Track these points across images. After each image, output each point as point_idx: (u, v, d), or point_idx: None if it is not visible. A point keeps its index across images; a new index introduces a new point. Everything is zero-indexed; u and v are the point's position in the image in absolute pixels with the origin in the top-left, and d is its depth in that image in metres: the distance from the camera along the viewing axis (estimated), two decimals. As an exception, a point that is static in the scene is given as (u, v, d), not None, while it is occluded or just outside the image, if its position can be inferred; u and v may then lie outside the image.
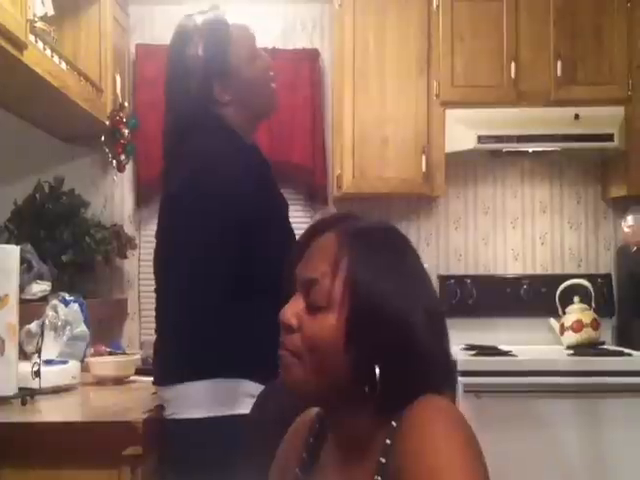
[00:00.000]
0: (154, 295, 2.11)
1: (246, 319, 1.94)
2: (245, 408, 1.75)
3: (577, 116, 3.70)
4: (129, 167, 3.71)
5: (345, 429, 1.19)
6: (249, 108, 2.09)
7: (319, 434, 1.27)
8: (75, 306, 2.72)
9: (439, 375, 1.17)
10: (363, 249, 1.17)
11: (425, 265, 1.24)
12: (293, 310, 1.18)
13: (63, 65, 2.96)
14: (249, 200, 1.93)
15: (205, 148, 1.99)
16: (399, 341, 1.12)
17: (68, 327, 2.64)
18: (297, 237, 2.21)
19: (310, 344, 1.15)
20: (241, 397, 1.90)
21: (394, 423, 1.11)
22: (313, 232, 1.23)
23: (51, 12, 2.97)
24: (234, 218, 1.90)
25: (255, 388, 1.80)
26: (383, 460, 1.10)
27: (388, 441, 1.11)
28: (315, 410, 1.30)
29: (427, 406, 1.10)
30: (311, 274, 1.17)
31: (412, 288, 1.17)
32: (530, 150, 3.83)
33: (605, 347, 3.77)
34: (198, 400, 1.93)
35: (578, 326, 3.74)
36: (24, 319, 2.36)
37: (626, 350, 3.66)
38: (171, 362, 2.00)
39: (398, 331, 1.13)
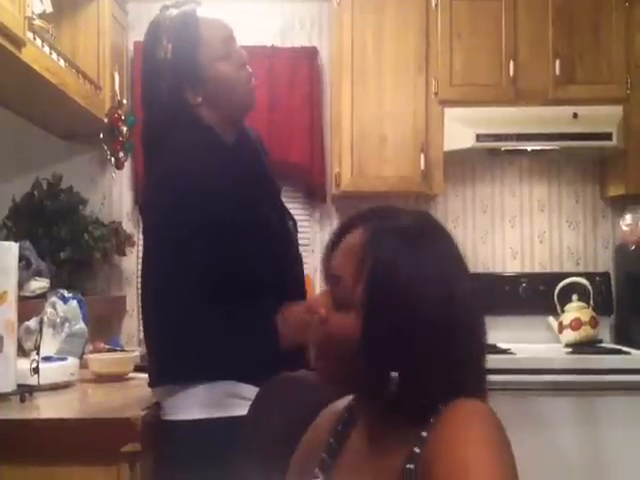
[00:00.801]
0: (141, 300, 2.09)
1: (239, 321, 1.93)
2: (239, 410, 1.74)
3: (575, 115, 3.71)
4: (127, 164, 3.71)
5: (377, 419, 1.19)
6: (223, 108, 2.04)
7: (348, 423, 1.28)
8: (74, 303, 2.72)
9: (468, 383, 1.15)
10: (388, 251, 1.14)
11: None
12: (322, 300, 1.19)
13: (61, 62, 2.96)
14: (222, 198, 1.90)
15: (177, 147, 1.96)
16: (418, 353, 1.11)
17: (67, 324, 2.64)
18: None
19: (330, 341, 1.16)
20: (235, 399, 1.89)
21: (431, 420, 1.11)
22: (346, 226, 1.22)
23: (49, 9, 2.97)
24: (209, 216, 1.87)
25: (249, 390, 1.79)
26: (417, 450, 1.10)
27: (424, 433, 1.10)
28: (343, 403, 1.31)
29: (464, 407, 1.10)
30: (336, 271, 1.18)
31: (441, 293, 1.13)
32: (529, 149, 3.83)
33: (603, 345, 3.78)
34: (192, 402, 1.92)
35: (576, 324, 3.75)
36: (23, 316, 2.36)
37: (624, 348, 3.67)
38: (165, 365, 1.98)
39: (417, 343, 1.11)
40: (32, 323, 2.52)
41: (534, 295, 3.97)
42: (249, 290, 1.94)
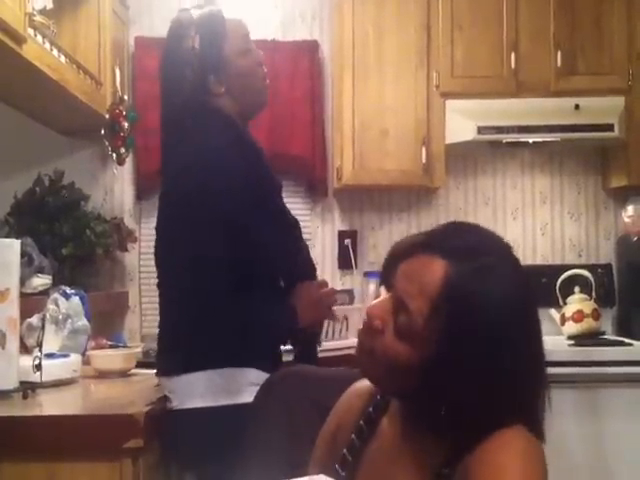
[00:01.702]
0: (155, 288, 2.13)
1: (248, 308, 1.97)
2: (250, 397, 1.77)
3: (577, 106, 3.70)
4: (129, 160, 3.71)
5: (413, 422, 1.19)
6: (241, 101, 2.14)
7: (379, 407, 1.28)
8: (76, 299, 2.72)
9: (522, 414, 1.16)
10: (468, 302, 1.10)
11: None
12: (380, 311, 1.17)
13: (62, 58, 2.96)
14: (243, 190, 1.96)
15: (201, 139, 2.02)
16: (478, 397, 1.10)
17: (69, 320, 2.64)
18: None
19: (383, 361, 1.16)
20: (245, 386, 1.93)
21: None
22: (421, 244, 1.18)
23: (50, 5, 2.96)
24: (228, 208, 1.93)
25: (259, 377, 1.84)
26: (446, 471, 1.11)
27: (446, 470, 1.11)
28: (366, 387, 1.31)
29: (506, 436, 1.10)
30: (406, 299, 1.14)
31: (519, 344, 1.14)
32: (530, 141, 3.83)
33: (606, 337, 3.78)
34: (203, 390, 1.96)
35: (579, 316, 3.75)
36: (25, 313, 2.36)
37: (627, 340, 3.67)
38: (176, 353, 2.02)
39: (480, 390, 1.10)
40: (34, 320, 2.53)
41: (536, 287, 3.95)
42: (266, 279, 2.01)
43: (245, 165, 2.01)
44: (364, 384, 1.32)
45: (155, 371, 2.15)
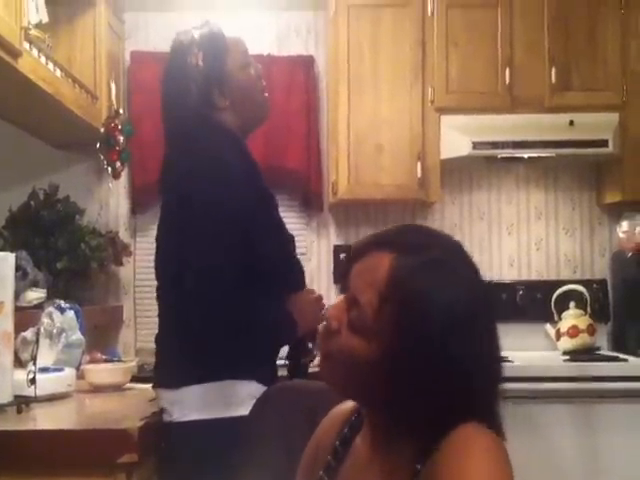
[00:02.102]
0: (150, 302, 2.14)
1: (248, 320, 1.97)
2: (242, 410, 1.77)
3: (572, 122, 3.71)
4: (124, 174, 3.71)
5: (381, 426, 1.19)
6: (243, 115, 2.18)
7: (354, 426, 1.28)
8: (70, 313, 2.71)
9: (482, 409, 1.15)
10: (415, 292, 1.12)
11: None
12: (336, 311, 1.19)
13: (58, 72, 2.96)
14: (248, 203, 2.00)
15: (204, 150, 2.04)
16: (440, 386, 1.11)
17: (63, 334, 2.63)
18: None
19: (340, 355, 1.16)
20: (245, 399, 1.92)
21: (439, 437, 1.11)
22: (372, 243, 1.20)
23: (45, 19, 2.97)
24: (233, 221, 1.95)
25: (259, 389, 1.87)
26: (418, 467, 1.11)
27: (418, 466, 1.11)
28: (350, 405, 1.31)
29: (469, 435, 1.09)
30: (357, 294, 1.16)
31: (472, 333, 1.14)
32: (525, 156, 3.83)
33: (601, 352, 3.78)
34: (202, 402, 1.96)
35: (574, 331, 3.75)
36: (19, 326, 2.35)
37: (622, 355, 3.67)
38: (176, 365, 2.02)
39: (440, 377, 1.10)
40: (29, 334, 2.52)
41: (531, 302, 3.97)
42: (266, 291, 2.01)
43: (246, 177, 2.04)
44: (344, 406, 1.33)
45: (152, 384, 2.15)
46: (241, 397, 1.94)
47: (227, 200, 1.95)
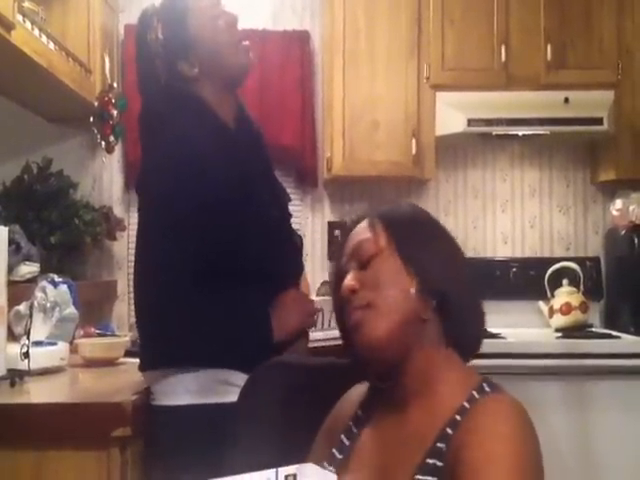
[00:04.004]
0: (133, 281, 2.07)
1: (230, 308, 1.92)
2: (230, 397, 1.74)
3: (567, 100, 3.71)
4: (118, 148, 3.70)
5: (408, 370, 1.27)
6: (220, 75, 2.05)
7: (376, 397, 1.34)
8: (64, 287, 2.71)
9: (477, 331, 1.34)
10: (395, 219, 1.33)
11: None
12: (350, 278, 1.30)
13: (51, 45, 2.94)
14: (219, 184, 1.90)
15: (178, 130, 1.95)
16: (449, 266, 1.32)
17: (57, 309, 2.63)
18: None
19: (374, 286, 1.27)
20: (225, 386, 1.88)
21: (466, 404, 1.20)
22: (363, 215, 1.37)
23: (39, -8, 2.95)
24: (205, 201, 1.87)
25: (239, 378, 1.79)
26: (450, 431, 1.17)
27: (458, 417, 1.18)
28: (363, 387, 1.39)
29: (499, 401, 1.20)
30: (352, 246, 1.33)
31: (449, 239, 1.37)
32: (520, 134, 3.83)
33: (593, 330, 3.80)
34: (182, 387, 1.91)
35: (567, 309, 3.76)
36: (12, 301, 2.35)
37: (614, 333, 3.69)
38: (156, 349, 1.97)
39: (442, 247, 1.33)
40: (22, 308, 2.52)
41: (524, 280, 3.98)
42: (240, 276, 1.93)
43: (225, 160, 1.95)
44: (362, 387, 1.39)
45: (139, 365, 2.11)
46: (219, 385, 1.88)
47: (177, 193, 1.86)
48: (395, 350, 1.26)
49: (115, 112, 3.38)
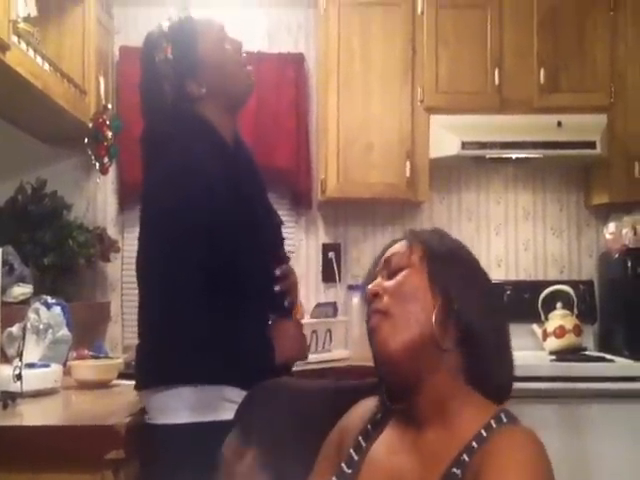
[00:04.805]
0: (137, 299, 2.10)
1: (229, 325, 1.93)
2: (227, 414, 1.73)
3: (560, 123, 3.72)
4: (112, 170, 3.70)
5: (422, 396, 1.26)
6: (225, 96, 2.10)
7: (387, 413, 1.33)
8: (57, 309, 2.70)
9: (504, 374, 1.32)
10: (434, 241, 1.35)
11: None
12: (375, 283, 1.32)
13: (46, 66, 2.94)
14: (222, 200, 1.94)
15: (184, 148, 1.99)
16: (475, 289, 1.30)
17: (50, 330, 2.62)
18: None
19: (397, 296, 1.28)
20: (223, 403, 1.88)
21: (483, 432, 1.19)
22: (401, 239, 1.39)
23: (34, 13, 2.95)
24: (207, 223, 1.91)
25: (237, 394, 1.79)
26: (466, 458, 1.17)
27: (474, 444, 1.18)
28: (373, 402, 1.38)
29: (517, 432, 1.19)
30: (386, 258, 1.35)
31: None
32: (513, 157, 3.84)
33: (587, 353, 3.79)
34: (180, 406, 1.91)
35: (560, 332, 3.76)
36: (5, 322, 2.34)
37: (608, 356, 3.69)
38: (153, 367, 1.98)
39: (474, 280, 1.32)
40: (15, 329, 2.51)
41: (518, 302, 3.97)
42: (239, 292, 1.95)
43: (227, 177, 1.99)
44: (370, 402, 1.38)
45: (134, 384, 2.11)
46: (217, 402, 1.89)
47: (185, 209, 1.90)
48: (408, 368, 1.26)
49: (109, 133, 3.39)
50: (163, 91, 2.06)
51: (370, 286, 1.32)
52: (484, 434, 1.18)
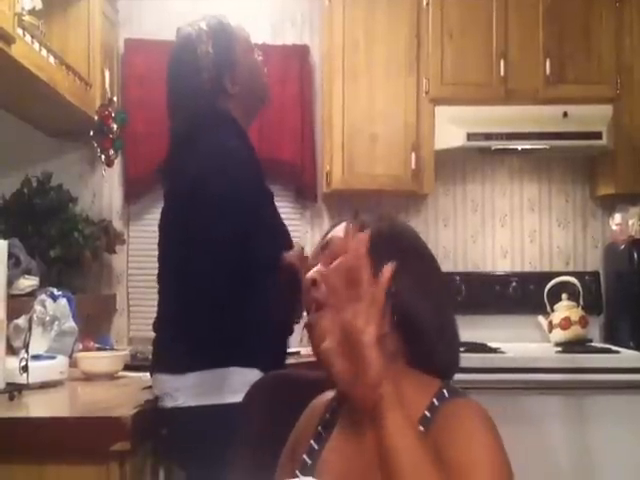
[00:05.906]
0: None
1: (251, 308, 1.98)
2: (236, 397, 1.76)
3: (566, 114, 3.71)
4: (118, 162, 3.70)
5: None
6: (251, 97, 2.23)
7: (336, 409, 1.33)
8: (63, 301, 2.71)
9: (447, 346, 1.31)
10: (374, 224, 1.31)
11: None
12: (314, 270, 1.29)
13: (51, 59, 2.95)
14: (254, 199, 2.04)
15: (217, 146, 2.06)
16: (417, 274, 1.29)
17: (56, 322, 2.63)
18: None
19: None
20: (247, 385, 1.92)
21: (435, 401, 1.21)
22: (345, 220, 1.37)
23: (39, 6, 2.95)
24: (243, 217, 1.98)
25: (246, 375, 1.87)
26: (422, 429, 1.16)
27: (428, 413, 1.19)
28: (328, 396, 1.37)
29: (466, 404, 1.20)
30: (325, 243, 1.33)
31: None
32: (519, 148, 3.84)
33: (593, 344, 3.79)
34: (207, 388, 1.97)
35: (566, 323, 3.76)
36: (12, 314, 2.35)
37: (613, 347, 3.68)
38: (178, 351, 2.02)
39: (414, 263, 1.30)
40: (21, 321, 2.52)
41: (524, 294, 3.98)
42: (257, 280, 2.01)
43: (252, 171, 2.10)
44: (321, 398, 1.38)
45: (150, 369, 2.13)
46: (242, 384, 1.93)
47: (237, 192, 1.97)
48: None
49: (115, 126, 3.39)
50: (202, 79, 2.15)
51: (308, 274, 1.30)
52: (428, 415, 1.20)
